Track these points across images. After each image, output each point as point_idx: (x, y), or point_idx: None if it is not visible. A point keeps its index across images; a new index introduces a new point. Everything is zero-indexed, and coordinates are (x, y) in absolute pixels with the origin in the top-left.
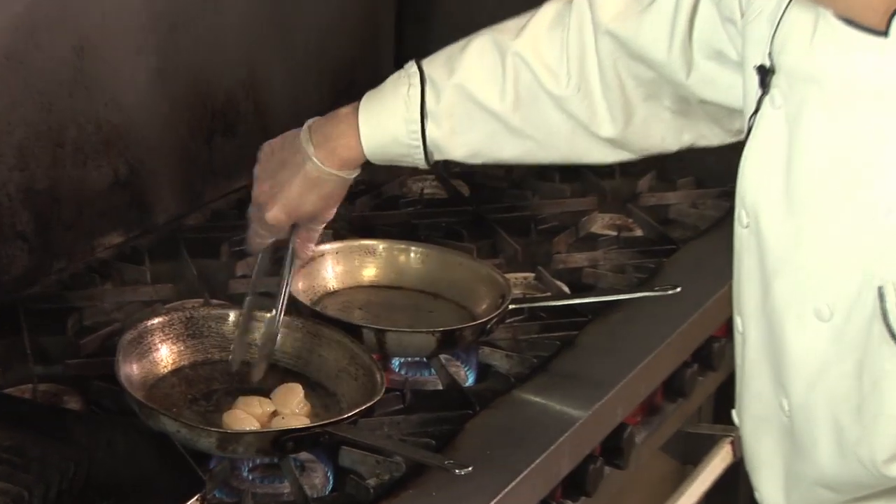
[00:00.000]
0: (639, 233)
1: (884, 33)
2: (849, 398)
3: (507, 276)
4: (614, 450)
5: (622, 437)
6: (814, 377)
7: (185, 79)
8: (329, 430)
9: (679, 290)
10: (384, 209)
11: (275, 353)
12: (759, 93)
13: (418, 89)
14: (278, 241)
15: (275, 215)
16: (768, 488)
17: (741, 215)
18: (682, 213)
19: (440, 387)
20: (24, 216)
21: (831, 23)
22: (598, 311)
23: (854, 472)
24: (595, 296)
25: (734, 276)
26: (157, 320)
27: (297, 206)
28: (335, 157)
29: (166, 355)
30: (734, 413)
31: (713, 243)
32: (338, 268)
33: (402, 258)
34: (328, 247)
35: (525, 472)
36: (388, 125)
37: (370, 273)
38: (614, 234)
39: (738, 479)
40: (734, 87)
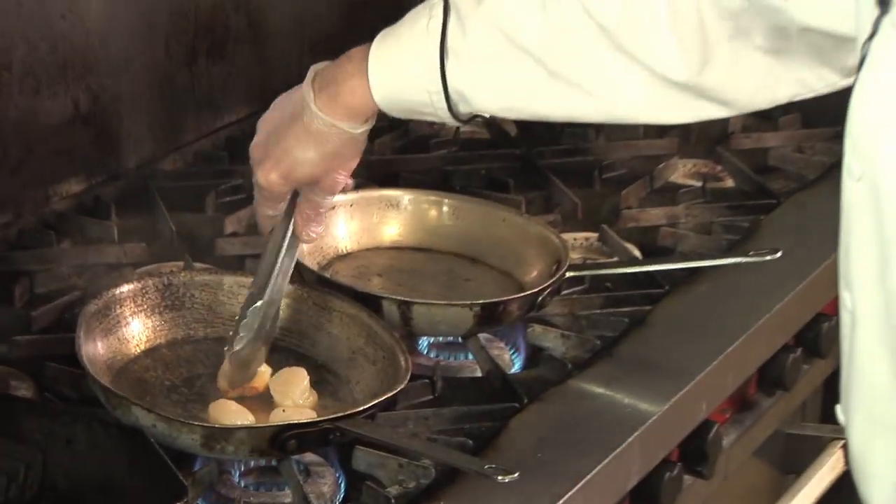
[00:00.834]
0: (729, 183)
1: None
2: None
3: (564, 236)
4: (696, 454)
5: (706, 439)
6: None
7: None
8: (340, 426)
9: (779, 255)
10: (411, 151)
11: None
12: (877, 12)
13: (440, 21)
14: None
15: (267, 176)
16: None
17: (852, 166)
18: (784, 158)
19: (479, 373)
20: None
21: None
22: (678, 281)
23: None
24: (674, 262)
25: (841, 242)
26: (126, 288)
27: (293, 166)
28: (338, 105)
29: (138, 331)
30: (839, 410)
31: (823, 197)
32: (352, 224)
33: (432, 213)
34: (341, 198)
35: (584, 480)
36: (402, 65)
37: (392, 231)
38: (699, 184)
39: (851, 492)
40: (845, 6)
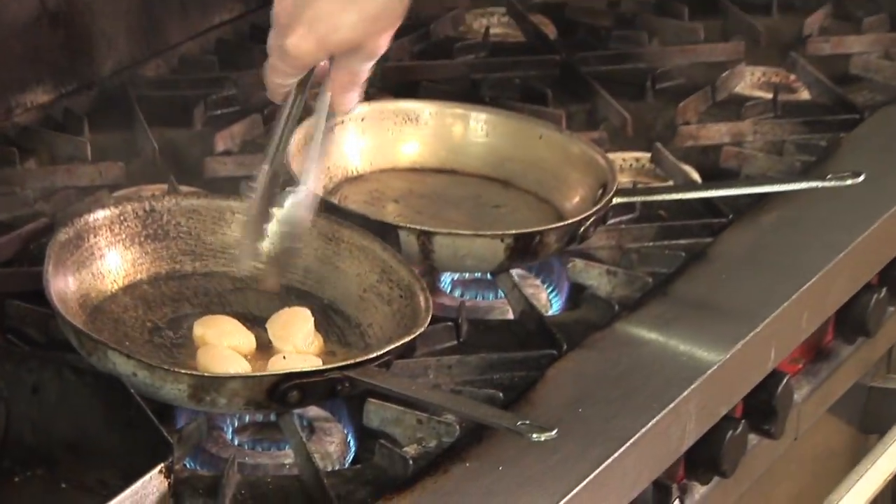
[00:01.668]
0: (804, 95)
1: None
2: None
3: (611, 156)
4: (763, 410)
5: (775, 393)
6: None
7: None
8: (350, 375)
9: (862, 179)
10: (432, 57)
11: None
12: None
13: None
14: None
15: (298, 44)
16: None
17: None
18: (868, 66)
19: (510, 315)
20: None
21: None
22: (743, 210)
23: None
24: (739, 186)
25: None
26: (101, 214)
27: (329, 31)
28: None
29: (116, 265)
30: None
31: None
32: (364, 141)
33: (457, 129)
34: None
35: (631, 440)
36: None
37: (411, 150)
38: (769, 96)
39: None
40: None
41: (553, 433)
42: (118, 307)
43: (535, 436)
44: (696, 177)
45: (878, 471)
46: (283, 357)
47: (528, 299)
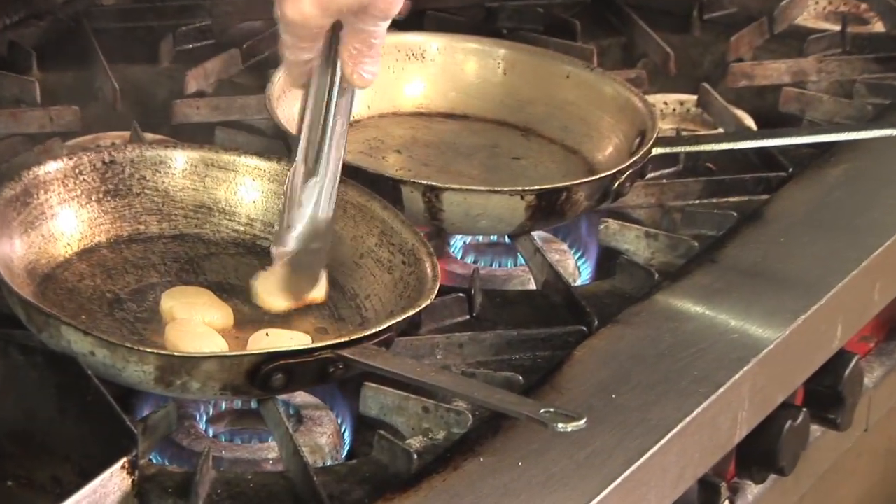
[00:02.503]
0: (878, 27)
1: None
2: None
3: (650, 98)
4: (827, 397)
5: (841, 376)
6: None
7: None
8: (344, 356)
9: None
10: None
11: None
12: None
13: None
14: None
15: (298, 8)
16: None
17: None
18: None
19: (532, 286)
20: None
21: None
22: (805, 162)
23: None
24: (800, 135)
25: None
26: (53, 167)
27: None
28: None
29: (70, 226)
30: None
31: None
32: None
33: (469, 66)
34: None
35: (675, 429)
36: None
37: (415, 91)
38: (836, 28)
39: None
40: None
41: (582, 423)
42: (73, 275)
43: (560, 426)
44: (750, 123)
45: None
46: (267, 334)
47: (552, 266)
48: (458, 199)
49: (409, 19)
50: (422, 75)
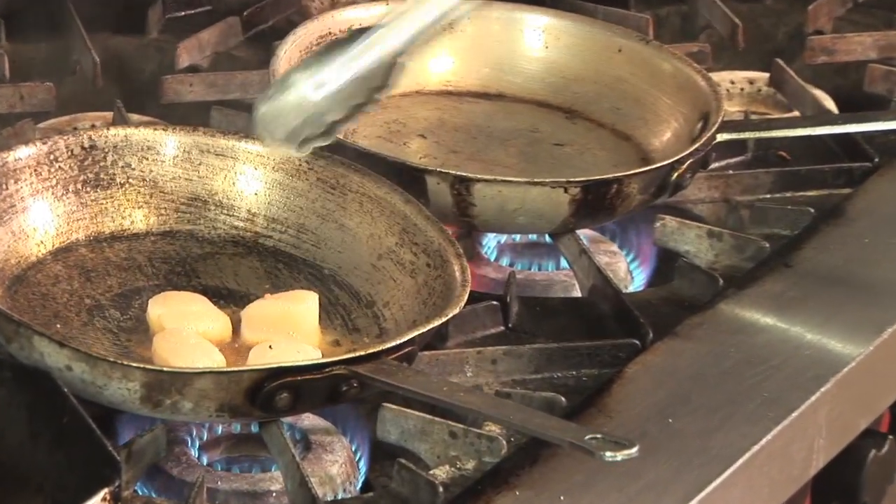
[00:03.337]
0: None
1: None
2: None
3: (715, 76)
4: None
5: None
6: None
7: None
8: (359, 372)
9: None
10: None
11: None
12: None
13: None
14: None
15: None
16: None
17: None
18: None
19: (577, 293)
20: None
21: None
22: (894, 151)
23: None
24: (888, 119)
25: None
26: (24, 153)
27: None
28: None
29: (45, 221)
30: None
31: None
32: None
33: (505, 38)
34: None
35: (741, 459)
36: None
37: (442, 66)
38: None
39: None
40: None
41: (633, 451)
42: (47, 277)
43: (609, 454)
44: (830, 105)
45: None
46: (270, 346)
47: (600, 270)
48: (492, 192)
49: None
50: (450, 48)
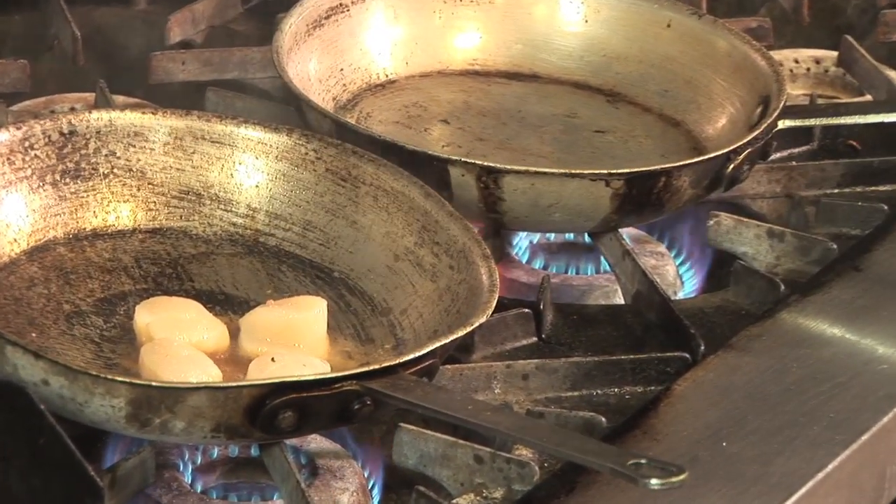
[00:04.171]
0: None
1: None
2: None
3: (776, 55)
4: None
5: None
6: None
7: None
8: (373, 388)
9: None
10: None
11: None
12: None
13: None
14: None
15: None
16: None
17: None
18: None
19: (619, 299)
20: None
21: None
22: None
23: None
24: None
25: None
26: None
27: None
28: None
29: (19, 216)
30: None
31: None
32: (397, 30)
33: (539, 10)
34: None
35: (805, 488)
36: None
37: (469, 43)
38: None
39: None
40: None
41: (682, 478)
42: (21, 280)
43: (655, 482)
44: None
45: None
46: (273, 359)
47: (646, 274)
48: (524, 185)
49: None
50: (477, 22)
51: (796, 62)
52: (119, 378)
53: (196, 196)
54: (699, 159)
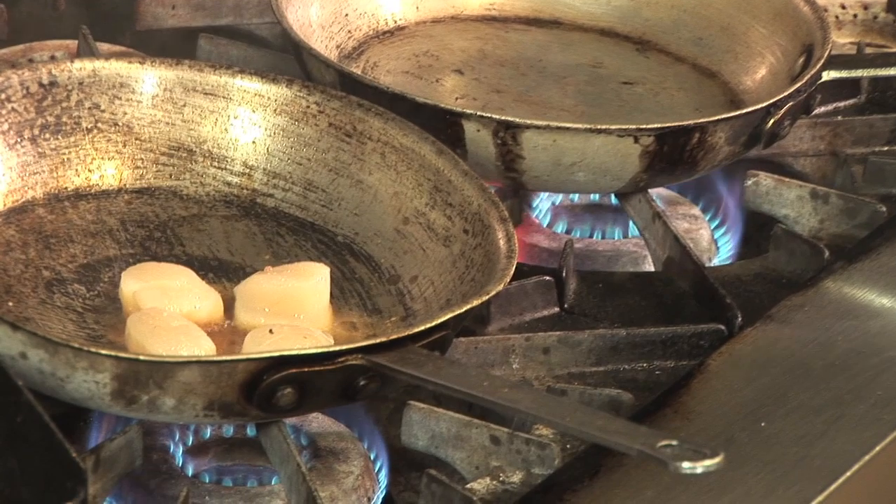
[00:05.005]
0: None
1: None
2: None
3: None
4: None
5: None
6: None
7: None
8: (380, 363)
9: None
10: None
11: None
12: None
13: None
14: None
15: None
16: None
17: None
18: None
19: (649, 265)
20: None
21: None
22: None
23: None
24: None
25: None
26: None
27: None
28: None
29: None
30: None
31: None
32: None
33: None
34: None
35: (849, 471)
36: None
37: None
38: None
39: None
40: None
41: (717, 461)
42: None
43: (687, 465)
44: None
45: None
46: (271, 331)
47: (678, 239)
48: (545, 142)
49: None
50: None
51: (843, 7)
52: (103, 351)
53: (187, 153)
54: (736, 113)
